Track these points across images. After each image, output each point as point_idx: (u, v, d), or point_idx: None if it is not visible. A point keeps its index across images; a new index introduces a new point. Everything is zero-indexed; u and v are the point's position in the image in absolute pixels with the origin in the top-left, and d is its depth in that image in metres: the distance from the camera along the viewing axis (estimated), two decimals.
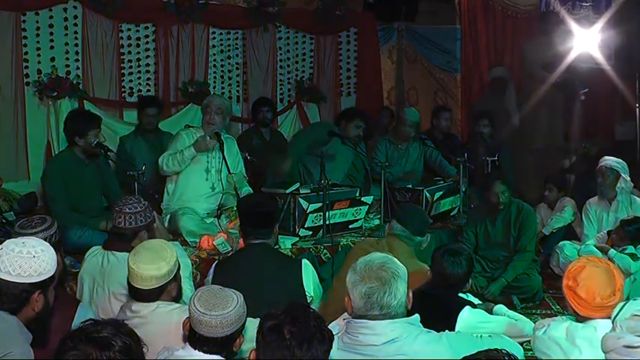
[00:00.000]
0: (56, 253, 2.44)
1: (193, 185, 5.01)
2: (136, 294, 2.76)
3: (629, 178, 5.33)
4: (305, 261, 3.49)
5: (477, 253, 5.11)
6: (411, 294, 2.45)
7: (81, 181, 4.63)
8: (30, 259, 2.32)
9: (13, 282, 2.30)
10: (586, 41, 6.99)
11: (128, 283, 2.80)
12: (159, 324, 2.68)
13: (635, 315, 2.04)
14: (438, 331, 2.49)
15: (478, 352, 2.00)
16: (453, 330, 2.82)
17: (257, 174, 5.72)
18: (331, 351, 2.11)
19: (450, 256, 3.20)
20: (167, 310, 2.73)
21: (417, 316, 2.46)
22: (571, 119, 7.56)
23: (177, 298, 2.87)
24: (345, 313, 2.56)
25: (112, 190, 4.92)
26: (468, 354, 1.99)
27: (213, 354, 2.30)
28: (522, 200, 5.30)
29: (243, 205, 3.67)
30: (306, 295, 3.31)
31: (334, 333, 2.37)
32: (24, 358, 2.23)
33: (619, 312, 2.14)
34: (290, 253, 4.60)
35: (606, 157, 5.44)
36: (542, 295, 5.05)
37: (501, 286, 4.83)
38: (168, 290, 2.78)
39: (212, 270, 3.43)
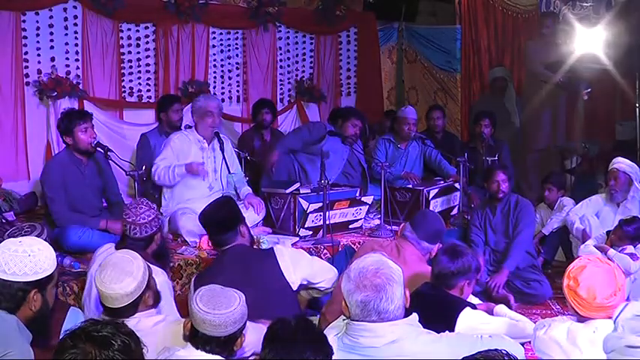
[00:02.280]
0: None
1: (190, 187, 4.98)
2: (112, 313, 2.60)
3: None
4: (276, 247, 3.40)
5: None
6: (407, 293, 2.43)
7: (80, 181, 4.61)
8: (25, 257, 2.31)
9: (8, 281, 2.30)
10: (587, 41, 6.98)
11: (100, 303, 2.66)
12: (144, 337, 2.61)
13: (637, 315, 2.03)
14: (438, 332, 2.48)
15: (478, 352, 1.99)
16: (453, 331, 2.80)
17: (257, 174, 5.71)
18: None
19: (449, 256, 3.18)
20: (150, 325, 2.62)
21: (415, 315, 2.45)
22: (572, 119, 7.55)
23: (155, 305, 2.75)
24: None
25: (112, 190, 4.90)
26: (468, 354, 1.98)
27: (215, 354, 2.29)
28: None
29: (200, 220, 3.58)
30: (288, 283, 3.23)
31: (334, 334, 2.37)
32: (24, 357, 2.22)
33: (620, 312, 2.14)
34: None
35: (620, 159, 5.24)
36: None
37: (505, 275, 4.83)
38: (143, 301, 2.65)
39: (192, 285, 3.29)
